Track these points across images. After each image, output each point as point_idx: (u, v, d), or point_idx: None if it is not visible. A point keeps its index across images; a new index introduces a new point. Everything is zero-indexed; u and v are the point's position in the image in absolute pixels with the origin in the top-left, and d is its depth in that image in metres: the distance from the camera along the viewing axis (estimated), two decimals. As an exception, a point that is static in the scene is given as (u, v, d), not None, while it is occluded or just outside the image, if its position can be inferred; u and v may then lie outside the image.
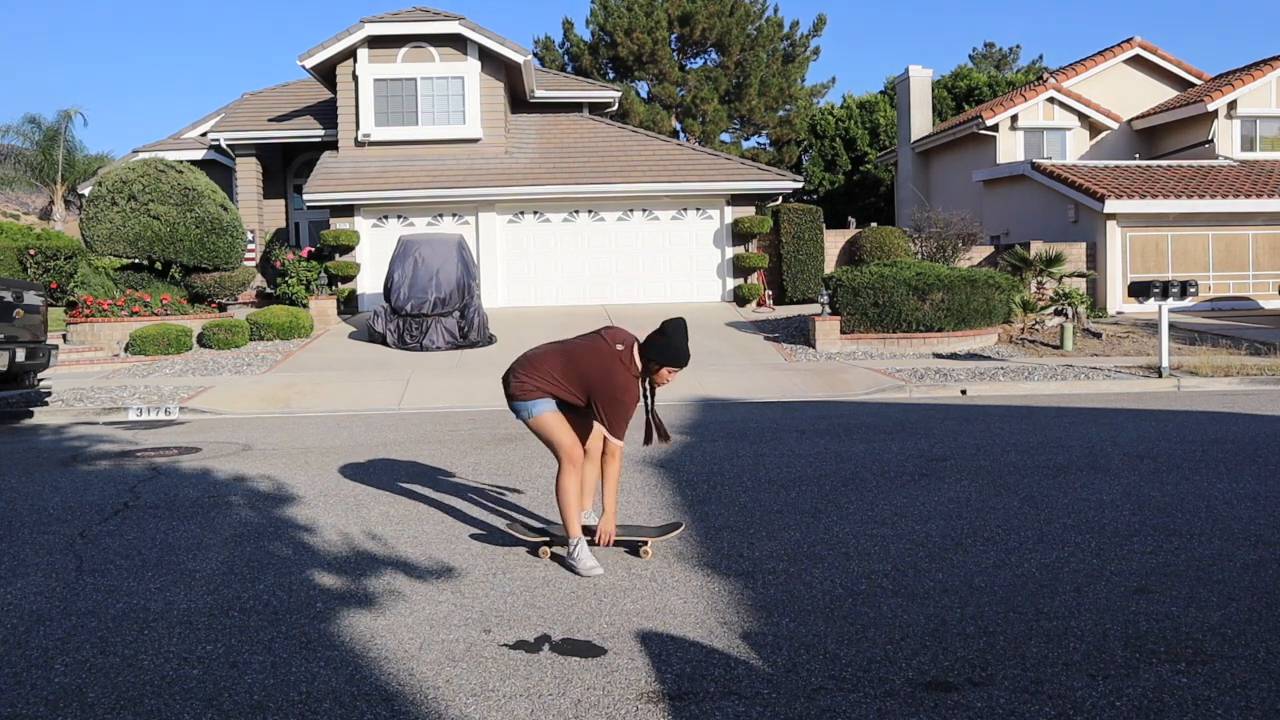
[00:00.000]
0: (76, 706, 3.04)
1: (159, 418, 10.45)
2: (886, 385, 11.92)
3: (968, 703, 2.96)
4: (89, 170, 31.82)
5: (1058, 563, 4.40)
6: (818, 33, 35.28)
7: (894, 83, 32.65)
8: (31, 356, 9.82)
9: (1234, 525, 5.01)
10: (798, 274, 20.22)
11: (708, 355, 14.59)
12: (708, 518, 5.40)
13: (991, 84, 36.53)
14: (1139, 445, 7.49)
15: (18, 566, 4.60)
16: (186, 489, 6.39)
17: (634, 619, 3.75)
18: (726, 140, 35.23)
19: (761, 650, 3.41)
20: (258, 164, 22.47)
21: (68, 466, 7.35)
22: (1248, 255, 21.01)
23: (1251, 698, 2.96)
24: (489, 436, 8.48)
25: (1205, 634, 3.49)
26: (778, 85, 33.73)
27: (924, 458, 7.09)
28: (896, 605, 3.86)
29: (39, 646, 3.56)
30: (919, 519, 5.27)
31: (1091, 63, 25.92)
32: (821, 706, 2.95)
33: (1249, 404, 10.05)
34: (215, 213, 17.23)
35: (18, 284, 10.12)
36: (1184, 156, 23.78)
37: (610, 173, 20.21)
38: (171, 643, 3.57)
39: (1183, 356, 13.68)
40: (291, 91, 24.26)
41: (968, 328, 15.71)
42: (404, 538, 5.07)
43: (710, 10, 32.49)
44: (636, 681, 3.17)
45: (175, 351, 14.89)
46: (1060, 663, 3.25)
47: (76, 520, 5.51)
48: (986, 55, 48.79)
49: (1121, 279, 20.25)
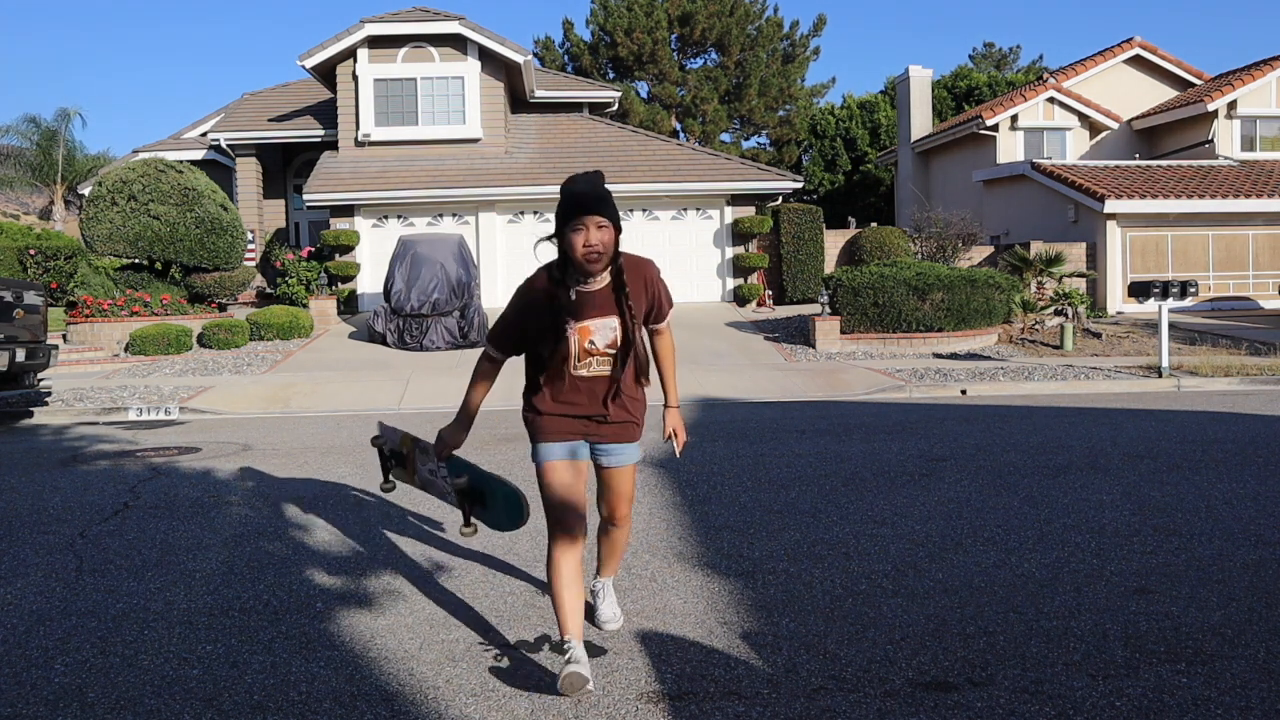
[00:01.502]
0: (76, 706, 3.04)
1: (159, 418, 10.45)
2: (886, 385, 11.91)
3: (968, 703, 2.96)
4: (89, 170, 31.83)
5: (1058, 563, 4.40)
6: (818, 33, 35.30)
7: (894, 83, 32.65)
8: (31, 356, 9.82)
9: (1234, 525, 5.01)
10: (798, 274, 20.22)
11: (708, 355, 14.59)
12: (708, 518, 5.39)
13: (991, 84, 36.53)
14: (1139, 445, 7.49)
15: (18, 566, 4.60)
16: (186, 489, 6.38)
17: (634, 619, 3.75)
18: (726, 140, 35.23)
19: (761, 650, 3.41)
20: (258, 164, 22.47)
21: (68, 466, 7.35)
22: (1248, 255, 21.01)
23: (1252, 698, 2.96)
24: (489, 436, 8.48)
25: (1205, 634, 3.48)
26: (778, 85, 33.72)
27: (924, 458, 7.09)
28: (896, 605, 3.86)
29: (39, 646, 3.55)
30: (919, 519, 5.26)
31: (1091, 63, 25.92)
32: (821, 706, 2.95)
33: (1249, 404, 10.05)
34: (215, 213, 17.22)
35: (17, 284, 10.11)
36: (1184, 156, 23.77)
37: (610, 173, 20.19)
38: (171, 643, 3.57)
39: (1183, 356, 13.68)
40: (291, 91, 24.26)
41: (968, 328, 15.70)
42: (404, 538, 5.07)
43: (710, 10, 32.49)
44: (636, 682, 3.17)
45: (175, 351, 14.88)
46: (1060, 663, 3.25)
47: (76, 520, 5.51)
48: (986, 55, 48.79)
49: (1121, 279, 20.25)
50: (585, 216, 2.95)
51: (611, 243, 3.01)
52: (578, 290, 3.08)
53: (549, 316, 3.10)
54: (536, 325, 3.14)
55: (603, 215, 2.97)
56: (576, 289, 3.08)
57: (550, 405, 3.22)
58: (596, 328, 3.10)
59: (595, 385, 3.18)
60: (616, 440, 3.29)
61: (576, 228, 2.97)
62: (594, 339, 3.11)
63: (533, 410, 3.26)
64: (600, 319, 3.10)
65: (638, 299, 3.14)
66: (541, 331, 3.13)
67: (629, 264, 3.14)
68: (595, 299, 3.09)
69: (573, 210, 2.97)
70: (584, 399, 3.20)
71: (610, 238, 2.99)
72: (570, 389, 3.18)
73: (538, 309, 3.12)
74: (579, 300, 3.08)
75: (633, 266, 3.15)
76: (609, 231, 2.99)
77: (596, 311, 3.09)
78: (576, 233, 2.97)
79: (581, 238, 2.97)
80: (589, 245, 2.97)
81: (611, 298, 3.10)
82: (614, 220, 3.02)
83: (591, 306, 3.09)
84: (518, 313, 3.18)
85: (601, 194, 3.00)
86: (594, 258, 2.99)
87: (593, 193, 2.98)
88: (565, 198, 3.01)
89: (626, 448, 3.32)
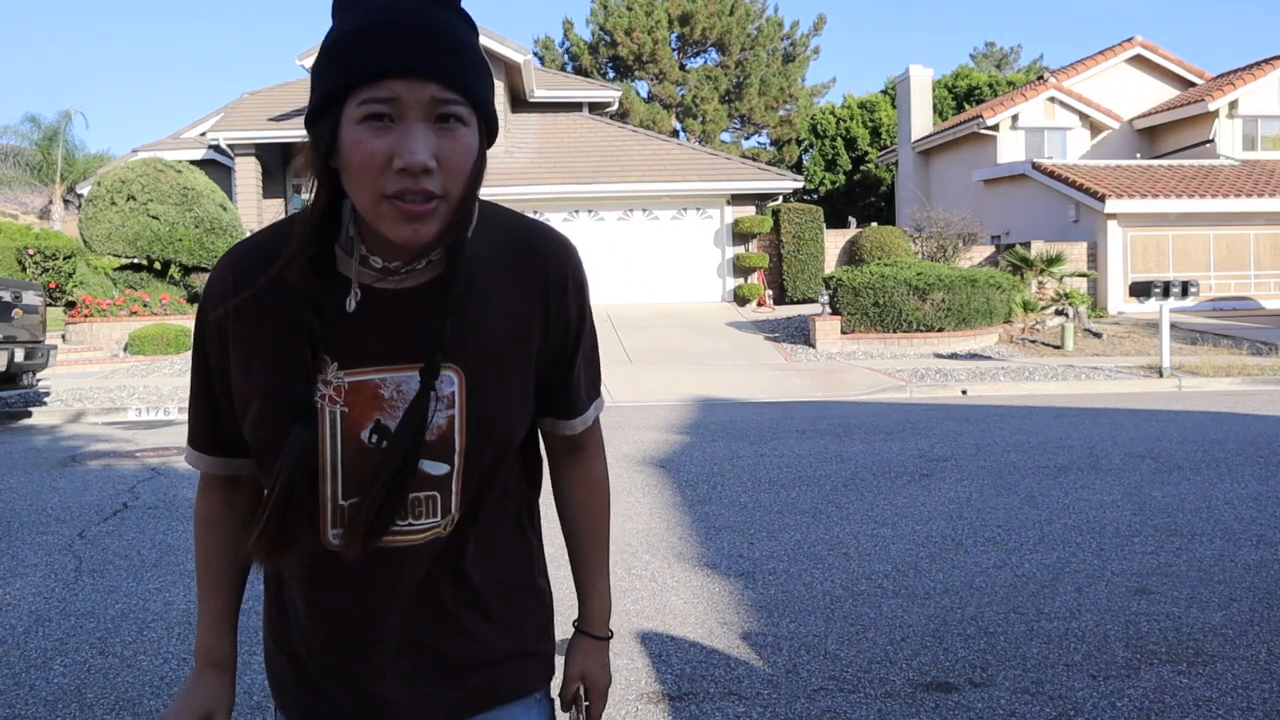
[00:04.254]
0: (75, 707, 3.03)
1: (158, 418, 10.44)
2: (887, 385, 11.90)
3: (968, 703, 2.95)
4: (88, 170, 31.81)
5: (1058, 563, 4.39)
6: (818, 32, 35.33)
7: (894, 82, 32.64)
8: (30, 357, 9.81)
9: (1235, 525, 5.00)
10: (798, 274, 20.21)
11: (708, 355, 14.59)
12: (708, 518, 5.38)
13: (992, 84, 36.52)
14: (1140, 445, 7.48)
15: (16, 567, 4.59)
16: (185, 489, 6.37)
17: (634, 619, 3.74)
18: (726, 140, 35.24)
19: (761, 650, 3.40)
20: (257, 164, 22.46)
21: (66, 467, 7.34)
22: (1249, 255, 20.99)
23: (1253, 698, 2.95)
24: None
25: (1206, 635, 3.48)
26: (778, 85, 33.74)
27: (924, 458, 7.08)
28: (897, 605, 3.85)
29: (38, 647, 3.55)
30: (919, 519, 5.25)
31: (1092, 62, 25.90)
32: (822, 707, 2.94)
33: (1250, 404, 10.04)
34: (214, 212, 17.22)
35: (16, 284, 10.10)
36: (1185, 156, 23.76)
37: (610, 173, 20.21)
38: (170, 643, 3.56)
39: (1184, 356, 13.66)
40: (291, 91, 24.24)
41: (968, 328, 15.70)
42: (403, 538, 5.06)
43: (710, 10, 32.50)
44: (636, 682, 3.16)
45: (174, 351, 14.87)
46: (1061, 663, 3.24)
47: (75, 520, 5.50)
48: (987, 55, 48.76)
49: (1122, 279, 20.23)
50: (398, 79, 0.93)
51: (470, 166, 0.98)
52: (365, 288, 1.05)
53: (279, 361, 1.05)
54: (249, 387, 1.07)
55: (452, 81, 0.95)
56: (363, 284, 1.05)
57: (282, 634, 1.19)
58: (398, 393, 1.05)
59: (394, 573, 1.10)
60: (476, 709, 1.17)
61: (373, 109, 0.93)
62: (384, 422, 1.05)
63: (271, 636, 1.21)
64: (405, 369, 1.05)
65: (521, 322, 1.11)
66: (266, 405, 1.05)
67: (503, 231, 1.11)
68: (399, 316, 1.06)
69: (365, 56, 0.94)
70: (360, 607, 1.11)
71: (470, 149, 0.97)
72: (327, 585, 1.11)
73: (255, 345, 1.07)
74: (357, 318, 1.05)
75: (516, 242, 1.12)
76: (469, 135, 0.97)
77: (398, 349, 1.05)
78: (373, 127, 0.94)
79: (389, 141, 0.93)
80: (410, 160, 0.92)
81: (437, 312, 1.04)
82: (481, 103, 0.98)
83: (387, 335, 1.05)
84: (206, 359, 1.12)
85: (442, 22, 0.96)
86: (420, 200, 0.95)
87: (418, 10, 0.95)
88: (350, 17, 0.97)
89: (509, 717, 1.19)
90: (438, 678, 1.14)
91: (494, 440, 1.09)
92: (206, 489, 1.20)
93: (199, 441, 1.17)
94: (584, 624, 1.34)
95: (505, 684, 1.18)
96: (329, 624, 1.12)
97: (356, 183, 0.96)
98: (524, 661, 1.21)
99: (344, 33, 0.96)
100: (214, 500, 1.19)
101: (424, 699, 1.14)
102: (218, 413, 1.13)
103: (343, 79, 0.94)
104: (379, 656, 1.12)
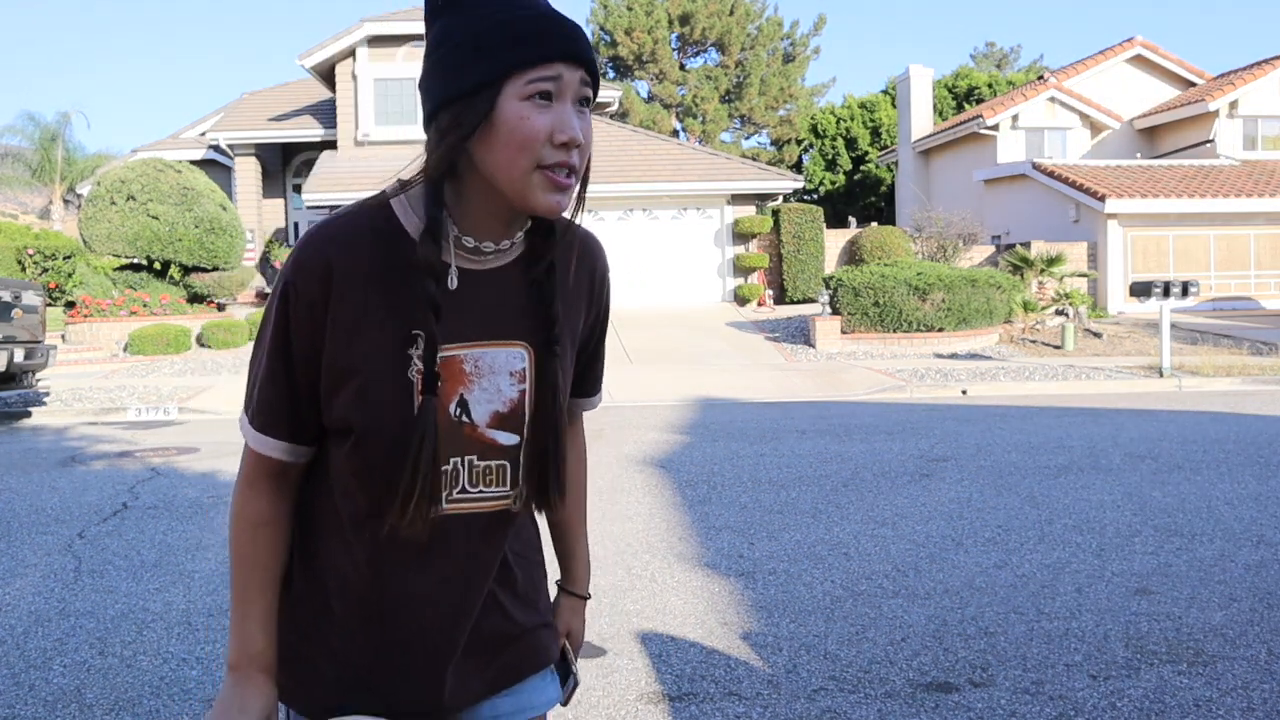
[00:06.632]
0: (75, 707, 3.03)
1: (158, 418, 10.44)
2: (887, 385, 11.90)
3: (968, 703, 2.95)
4: (88, 170, 31.79)
5: (1059, 563, 4.39)
6: (818, 32, 35.31)
7: (895, 82, 32.63)
8: (30, 356, 9.81)
9: (1235, 525, 5.00)
10: (798, 274, 20.21)
11: (708, 355, 14.59)
12: (708, 518, 5.38)
13: (992, 83, 36.50)
14: (1140, 445, 7.48)
15: (16, 567, 4.59)
16: (185, 489, 6.37)
17: (634, 619, 3.74)
18: (727, 140, 35.23)
19: (762, 650, 3.40)
20: (257, 163, 22.47)
21: (66, 467, 7.34)
22: (1249, 255, 20.99)
23: (1253, 698, 2.95)
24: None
25: (1207, 635, 3.47)
26: (778, 84, 33.73)
27: (924, 458, 7.07)
28: (897, 606, 3.84)
29: (37, 647, 3.54)
30: (919, 519, 5.25)
31: (1092, 62, 25.90)
32: (822, 707, 2.94)
33: (1251, 404, 10.04)
34: (214, 212, 17.22)
35: (16, 284, 10.10)
36: (1185, 156, 23.75)
37: (610, 173, 20.20)
38: (170, 643, 3.56)
39: (1184, 356, 13.66)
40: (291, 91, 24.25)
41: (968, 327, 15.69)
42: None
43: (710, 9, 32.49)
44: (636, 682, 3.16)
45: (174, 351, 14.87)
46: (1061, 663, 3.24)
47: (75, 521, 5.50)
48: (987, 55, 48.74)
49: (1123, 279, 20.22)
50: (562, 63, 1.06)
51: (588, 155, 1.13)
52: (462, 269, 1.15)
53: (385, 337, 1.12)
54: (348, 366, 1.12)
55: (593, 70, 1.10)
56: (463, 264, 1.15)
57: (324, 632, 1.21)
58: (476, 368, 1.16)
59: (470, 545, 1.19)
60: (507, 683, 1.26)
61: (542, 86, 1.05)
62: (471, 401, 1.16)
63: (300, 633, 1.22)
64: (486, 345, 1.16)
65: (576, 308, 1.25)
66: (371, 381, 1.12)
67: (559, 220, 1.19)
68: (482, 295, 1.16)
69: (535, 40, 1.05)
70: (439, 589, 1.18)
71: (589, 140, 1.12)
72: (405, 561, 1.17)
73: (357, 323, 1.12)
74: (447, 296, 1.13)
75: (572, 231, 1.23)
76: (589, 127, 1.11)
77: (479, 327, 1.16)
78: (538, 104, 1.05)
79: (551, 118, 1.06)
80: (574, 134, 1.06)
81: (524, 295, 1.18)
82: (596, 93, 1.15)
83: (472, 313, 1.16)
84: (289, 343, 1.14)
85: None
86: (566, 174, 1.08)
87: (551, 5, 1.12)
88: (488, 11, 1.07)
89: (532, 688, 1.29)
90: (476, 655, 1.22)
91: (555, 414, 1.19)
92: (256, 482, 1.19)
93: (269, 425, 1.16)
94: (570, 584, 1.45)
95: (530, 657, 1.28)
96: (404, 608, 1.17)
97: (516, 153, 1.05)
98: (542, 634, 1.30)
99: (502, 21, 1.05)
100: (264, 496, 1.19)
101: (465, 678, 1.21)
102: (296, 396, 1.15)
103: (515, 58, 1.04)
104: (443, 637, 1.18)
